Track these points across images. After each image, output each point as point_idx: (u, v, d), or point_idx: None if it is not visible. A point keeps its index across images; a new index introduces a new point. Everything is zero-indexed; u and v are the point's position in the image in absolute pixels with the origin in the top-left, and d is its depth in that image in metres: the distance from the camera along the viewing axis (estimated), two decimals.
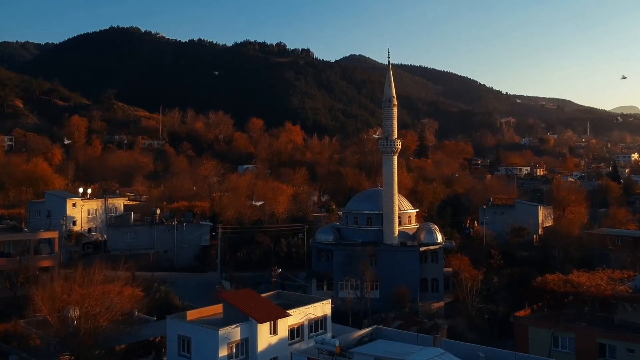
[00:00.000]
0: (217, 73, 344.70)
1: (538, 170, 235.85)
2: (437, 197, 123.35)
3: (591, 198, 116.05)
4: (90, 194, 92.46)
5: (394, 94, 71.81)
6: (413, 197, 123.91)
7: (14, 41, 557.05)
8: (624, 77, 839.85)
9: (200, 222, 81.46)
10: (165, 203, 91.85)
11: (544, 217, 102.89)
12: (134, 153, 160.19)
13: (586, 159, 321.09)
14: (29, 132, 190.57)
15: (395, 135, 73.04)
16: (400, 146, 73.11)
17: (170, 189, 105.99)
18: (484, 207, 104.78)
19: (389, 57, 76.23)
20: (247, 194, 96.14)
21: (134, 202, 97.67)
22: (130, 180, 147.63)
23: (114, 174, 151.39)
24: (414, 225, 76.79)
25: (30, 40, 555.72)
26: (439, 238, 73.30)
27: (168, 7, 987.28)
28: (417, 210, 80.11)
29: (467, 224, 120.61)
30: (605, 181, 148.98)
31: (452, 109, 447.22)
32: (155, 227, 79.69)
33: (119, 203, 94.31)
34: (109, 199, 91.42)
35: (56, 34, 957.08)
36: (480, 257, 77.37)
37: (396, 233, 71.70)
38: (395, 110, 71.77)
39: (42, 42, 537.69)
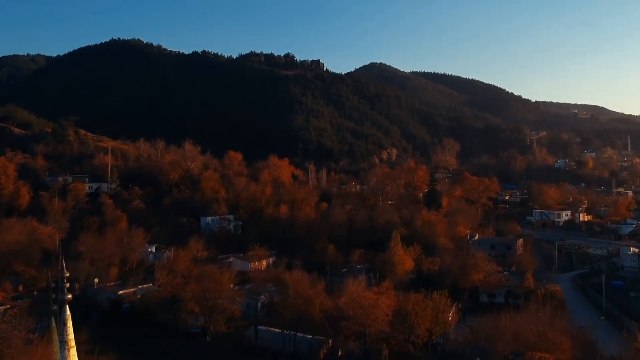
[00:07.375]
0: None
1: (581, 214, 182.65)
2: (440, 321, 73.96)
3: None
4: None
5: None
6: (401, 322, 75.24)
7: (25, 54, 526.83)
8: None
9: None
10: None
11: None
12: (31, 222, 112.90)
13: (633, 188, 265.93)
14: None
15: None
16: None
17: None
18: None
19: None
20: None
21: None
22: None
23: (11, 251, 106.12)
24: None
25: (42, 53, 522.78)
26: None
27: (172, 18, 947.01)
28: None
29: None
30: None
31: (476, 123, 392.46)
32: None
33: None
34: None
35: (63, 47, 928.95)
36: None
37: None
38: None
39: (53, 55, 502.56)
